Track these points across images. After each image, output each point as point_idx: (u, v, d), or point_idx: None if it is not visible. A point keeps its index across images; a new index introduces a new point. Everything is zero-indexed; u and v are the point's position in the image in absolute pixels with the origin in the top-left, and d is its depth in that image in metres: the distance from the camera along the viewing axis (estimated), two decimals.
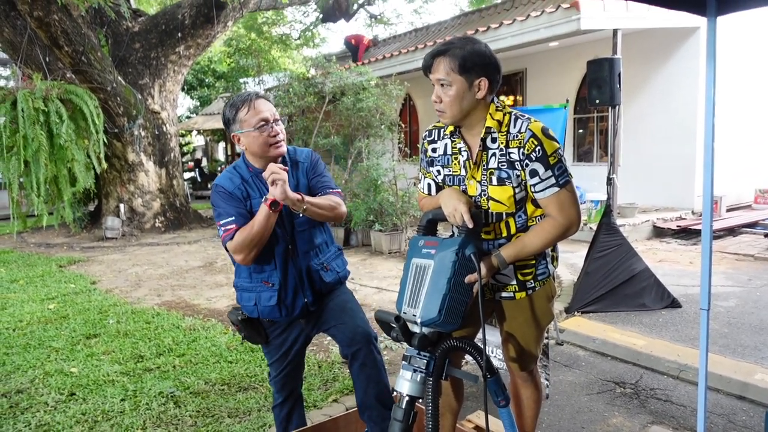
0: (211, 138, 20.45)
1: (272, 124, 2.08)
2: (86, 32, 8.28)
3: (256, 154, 2.11)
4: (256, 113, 2.05)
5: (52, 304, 5.27)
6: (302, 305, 2.18)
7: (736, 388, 3.17)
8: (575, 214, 1.81)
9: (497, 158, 1.83)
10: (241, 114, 2.06)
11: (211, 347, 3.98)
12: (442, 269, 1.65)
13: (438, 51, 1.80)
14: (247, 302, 2.19)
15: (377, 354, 2.19)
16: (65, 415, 3.01)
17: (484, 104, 1.83)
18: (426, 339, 1.64)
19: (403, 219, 7.46)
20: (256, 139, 2.06)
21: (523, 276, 1.95)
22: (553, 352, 3.78)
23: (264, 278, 2.15)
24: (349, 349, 2.16)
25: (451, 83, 1.77)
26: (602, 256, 4.66)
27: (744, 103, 8.88)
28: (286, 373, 2.29)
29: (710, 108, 2.08)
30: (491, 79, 1.80)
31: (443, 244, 1.71)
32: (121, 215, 9.86)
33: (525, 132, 1.78)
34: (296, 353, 2.29)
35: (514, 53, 9.44)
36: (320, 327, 2.26)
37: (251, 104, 2.06)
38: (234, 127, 2.09)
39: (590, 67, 4.98)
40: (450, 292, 1.62)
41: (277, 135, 2.09)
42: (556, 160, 1.78)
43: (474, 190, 1.88)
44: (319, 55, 13.65)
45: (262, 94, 2.15)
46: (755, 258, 6.38)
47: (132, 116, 9.58)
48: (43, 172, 6.76)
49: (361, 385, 2.16)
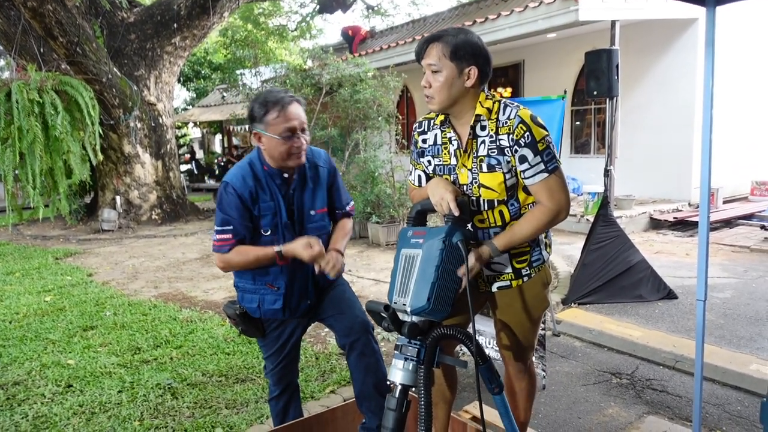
0: (208, 130, 20.36)
1: (299, 133, 2.00)
2: (81, 23, 8.21)
3: (274, 159, 2.03)
4: (286, 120, 1.96)
5: (49, 297, 5.26)
6: (306, 306, 2.19)
7: (732, 378, 3.19)
8: (564, 200, 1.83)
9: (486, 145, 1.84)
10: (270, 116, 1.97)
11: (208, 339, 3.98)
12: (430, 257, 1.66)
13: (432, 37, 1.83)
14: (249, 303, 2.16)
15: (375, 344, 2.19)
16: (62, 406, 3.01)
17: (473, 93, 1.84)
18: (416, 327, 1.64)
19: (400, 211, 7.45)
20: (278, 146, 1.98)
21: (519, 264, 1.96)
22: (549, 343, 3.80)
23: (269, 281, 2.11)
24: (347, 339, 2.16)
25: (442, 69, 1.79)
26: (599, 247, 4.67)
27: (741, 95, 8.87)
28: (283, 365, 2.29)
29: (708, 98, 2.07)
30: (481, 69, 1.82)
31: (430, 233, 1.72)
32: (118, 207, 9.83)
33: (514, 119, 1.79)
34: (293, 345, 2.28)
35: (512, 45, 9.41)
36: (316, 317, 2.26)
37: (283, 110, 1.96)
38: (259, 125, 2.00)
39: (588, 59, 4.96)
40: (438, 280, 1.63)
41: (300, 146, 2.01)
42: (545, 146, 1.80)
43: (465, 178, 1.90)
44: (316, 47, 13.58)
45: (296, 97, 2.03)
46: (751, 249, 6.40)
47: (128, 108, 9.52)
48: (38, 164, 6.71)
49: (359, 375, 2.17)
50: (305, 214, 2.13)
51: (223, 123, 17.94)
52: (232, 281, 2.28)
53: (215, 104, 17.10)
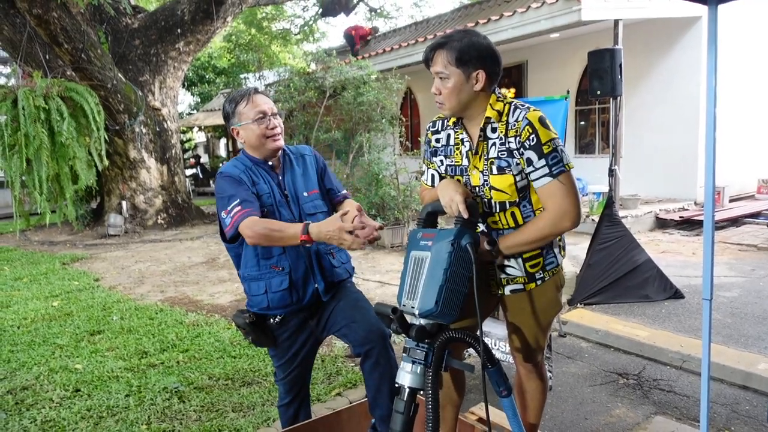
0: (212, 134, 20.45)
1: (270, 117, 2.13)
2: (86, 29, 8.27)
3: (255, 146, 2.15)
4: (255, 106, 2.12)
5: (56, 302, 5.30)
6: (313, 291, 2.15)
7: (740, 378, 3.17)
8: (568, 206, 1.78)
9: (497, 148, 1.84)
10: (240, 107, 2.13)
11: (215, 342, 3.99)
12: (439, 260, 1.65)
13: (437, 44, 1.82)
14: (256, 292, 2.16)
15: (391, 351, 2.14)
16: (70, 411, 3.03)
17: (483, 96, 1.84)
18: (424, 330, 1.63)
19: (405, 213, 7.45)
20: (254, 131, 2.11)
21: (532, 268, 1.94)
22: (555, 344, 3.79)
23: (273, 263, 2.13)
24: (363, 347, 2.10)
25: (449, 76, 1.79)
26: (604, 247, 4.66)
27: (747, 93, 8.83)
28: (295, 374, 2.28)
29: (711, 97, 2.07)
30: (489, 71, 1.80)
31: (440, 235, 1.71)
32: (124, 212, 9.88)
33: (522, 121, 1.79)
34: (305, 356, 2.27)
35: (515, 45, 9.40)
36: (330, 329, 2.22)
37: (250, 98, 2.13)
38: (233, 120, 2.16)
39: (591, 58, 4.96)
40: (447, 283, 1.61)
41: (275, 128, 2.13)
42: (551, 149, 1.77)
43: (477, 180, 1.89)
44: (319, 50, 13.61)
45: (260, 89, 2.20)
46: (758, 248, 6.36)
47: (133, 113, 9.57)
48: (44, 170, 6.76)
49: (374, 383, 2.11)
50: (300, 196, 2.19)
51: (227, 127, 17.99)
52: (237, 284, 2.29)
53: (219, 108, 17.13)
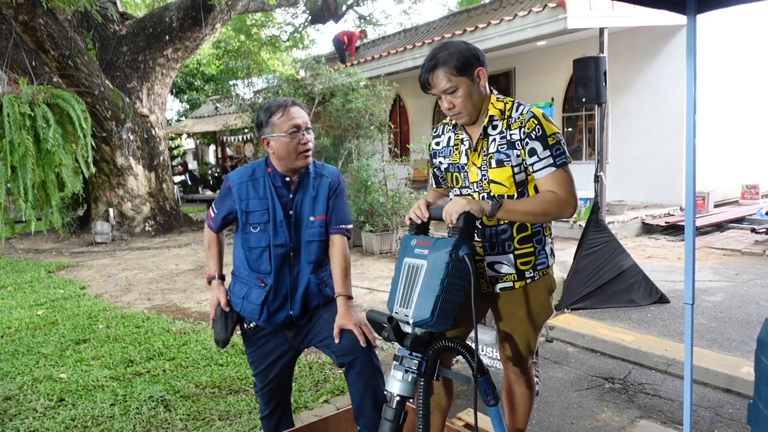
0: (201, 141, 20.37)
1: (303, 131, 2.10)
2: (73, 36, 8.23)
3: (281, 159, 2.12)
4: (289, 119, 2.09)
5: (41, 310, 5.24)
6: (285, 317, 2.16)
7: (723, 381, 3.20)
8: (573, 193, 1.89)
9: (497, 142, 1.91)
10: (274, 118, 2.09)
11: (202, 350, 3.96)
12: (436, 270, 1.63)
13: (429, 68, 1.86)
14: (237, 292, 2.20)
15: (376, 361, 2.13)
16: (54, 421, 2.99)
17: (486, 95, 1.93)
18: (418, 340, 1.62)
19: (393, 219, 7.47)
20: (286, 144, 2.08)
21: (523, 265, 1.97)
22: (542, 349, 3.81)
23: (260, 276, 2.16)
24: (346, 358, 2.10)
25: (457, 86, 1.85)
26: (591, 253, 4.69)
27: (731, 100, 8.97)
28: (273, 385, 2.28)
29: (691, 105, 2.11)
30: (484, 65, 1.89)
31: (437, 244, 1.68)
32: (111, 220, 9.80)
33: (527, 113, 1.88)
34: (283, 367, 2.27)
35: (503, 53, 9.49)
36: (312, 341, 2.22)
37: (286, 110, 2.10)
38: (266, 130, 2.12)
39: (577, 66, 5.01)
40: (443, 294, 1.60)
41: (307, 143, 2.11)
42: (555, 141, 1.86)
43: (475, 176, 1.96)
44: (308, 57, 13.65)
45: (297, 101, 2.17)
46: (742, 253, 6.45)
47: (120, 120, 9.52)
48: (30, 177, 6.67)
49: (358, 392, 2.11)
50: (304, 219, 2.16)
51: (216, 134, 17.96)
52: None
53: (208, 115, 17.12)
